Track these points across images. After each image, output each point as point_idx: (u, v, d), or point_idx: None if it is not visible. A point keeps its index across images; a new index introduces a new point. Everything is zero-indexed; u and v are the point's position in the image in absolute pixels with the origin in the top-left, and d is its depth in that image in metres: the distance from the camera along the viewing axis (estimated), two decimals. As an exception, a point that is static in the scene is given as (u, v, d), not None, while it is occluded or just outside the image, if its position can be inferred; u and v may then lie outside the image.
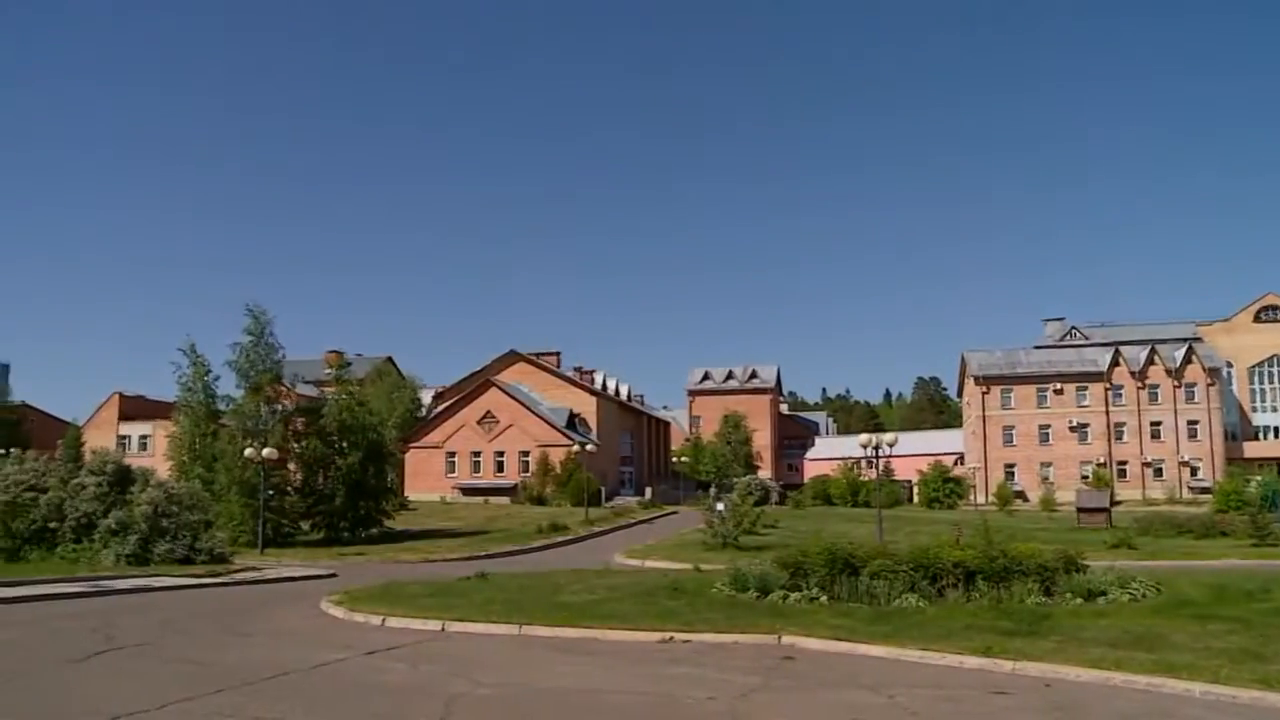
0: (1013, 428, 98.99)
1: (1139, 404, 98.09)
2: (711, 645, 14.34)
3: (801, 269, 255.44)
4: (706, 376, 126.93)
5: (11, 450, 45.60)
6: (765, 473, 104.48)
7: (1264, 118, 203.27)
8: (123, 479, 34.93)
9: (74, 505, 33.27)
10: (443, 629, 16.27)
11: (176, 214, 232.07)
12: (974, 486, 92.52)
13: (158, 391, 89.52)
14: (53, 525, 33.31)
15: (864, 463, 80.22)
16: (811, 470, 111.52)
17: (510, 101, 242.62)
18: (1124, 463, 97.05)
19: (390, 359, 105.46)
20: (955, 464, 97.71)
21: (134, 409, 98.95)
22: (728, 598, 17.94)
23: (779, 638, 14.42)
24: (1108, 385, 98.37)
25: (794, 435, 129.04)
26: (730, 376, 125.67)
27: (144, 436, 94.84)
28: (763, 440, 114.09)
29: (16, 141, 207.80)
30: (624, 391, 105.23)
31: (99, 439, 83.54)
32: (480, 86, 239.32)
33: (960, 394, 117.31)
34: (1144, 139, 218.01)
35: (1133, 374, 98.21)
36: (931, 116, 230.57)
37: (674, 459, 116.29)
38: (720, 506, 39.75)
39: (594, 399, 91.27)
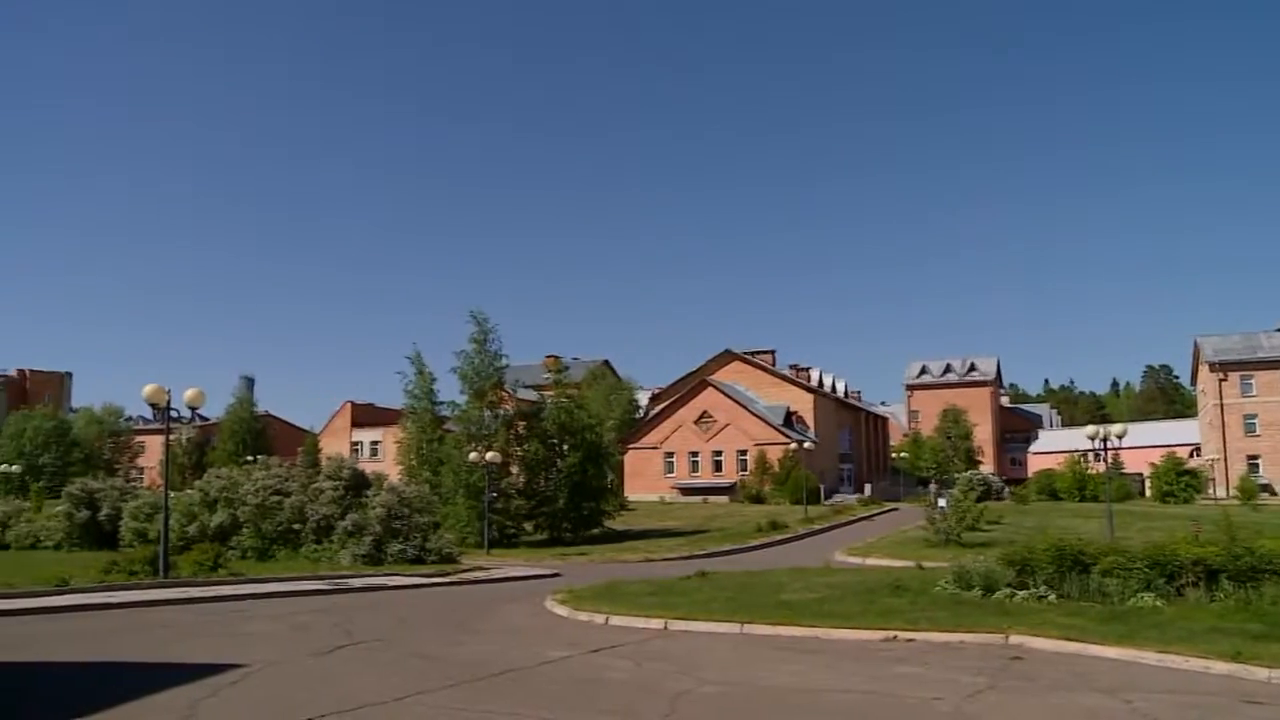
0: (1255, 416, 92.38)
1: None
2: (936, 644, 14.06)
3: (1019, 258, 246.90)
4: (924, 370, 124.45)
5: (258, 457, 48.49)
6: (987, 467, 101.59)
7: None
8: (357, 483, 36.69)
9: (314, 508, 35.15)
10: (665, 627, 16.44)
11: (398, 226, 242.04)
12: (1212, 479, 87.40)
13: (386, 399, 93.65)
14: (296, 527, 35.28)
15: (1091, 456, 76.90)
16: (1035, 464, 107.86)
17: (708, 101, 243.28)
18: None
19: (607, 362, 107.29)
20: (1190, 456, 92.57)
21: (364, 416, 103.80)
22: (951, 596, 17.52)
23: (1006, 637, 14.01)
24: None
25: (1016, 429, 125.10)
26: (948, 370, 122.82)
27: (374, 442, 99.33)
28: (983, 434, 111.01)
29: (270, 165, 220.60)
30: (840, 388, 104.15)
31: (334, 445, 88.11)
32: (683, 86, 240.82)
33: (1194, 382, 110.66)
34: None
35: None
36: (1156, 95, 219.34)
37: (892, 455, 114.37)
38: (942, 502, 38.95)
39: (810, 396, 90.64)
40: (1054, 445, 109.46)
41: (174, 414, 26.09)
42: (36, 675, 12.39)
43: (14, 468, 77.50)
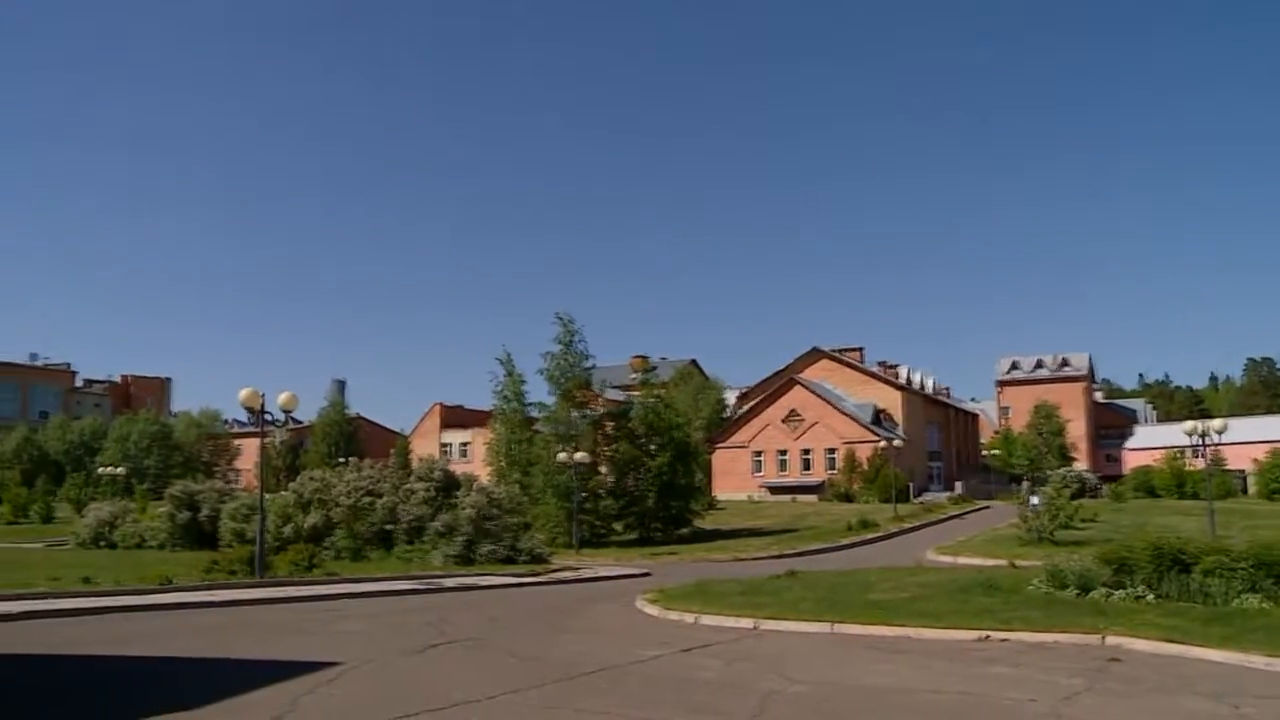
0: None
1: None
2: (1030, 644, 13.84)
3: (1111, 251, 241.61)
4: (1015, 366, 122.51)
5: (350, 459, 49.30)
6: (1080, 464, 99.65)
7: None
8: (448, 484, 37.15)
9: (405, 509, 35.66)
10: (755, 627, 16.41)
11: (487, 228, 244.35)
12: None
13: (475, 401, 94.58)
14: (388, 527, 35.81)
15: (1190, 452, 75.12)
16: (1131, 461, 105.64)
17: (793, 99, 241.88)
18: None
19: (694, 361, 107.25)
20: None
21: (454, 418, 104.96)
22: (1045, 595, 17.20)
23: (1103, 638, 13.72)
24: None
25: (1110, 424, 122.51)
26: (1040, 365, 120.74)
27: (464, 444, 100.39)
28: (1077, 430, 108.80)
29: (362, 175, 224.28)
30: (929, 384, 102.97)
31: (424, 447, 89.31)
32: (767, 85, 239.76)
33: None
34: None
35: None
36: (1243, 93, 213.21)
37: (983, 452, 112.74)
38: (1034, 500, 38.26)
39: (899, 393, 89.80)
40: (1150, 441, 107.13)
41: (268, 417, 26.62)
42: (146, 669, 12.77)
43: (119, 470, 79.66)
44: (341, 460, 57.75)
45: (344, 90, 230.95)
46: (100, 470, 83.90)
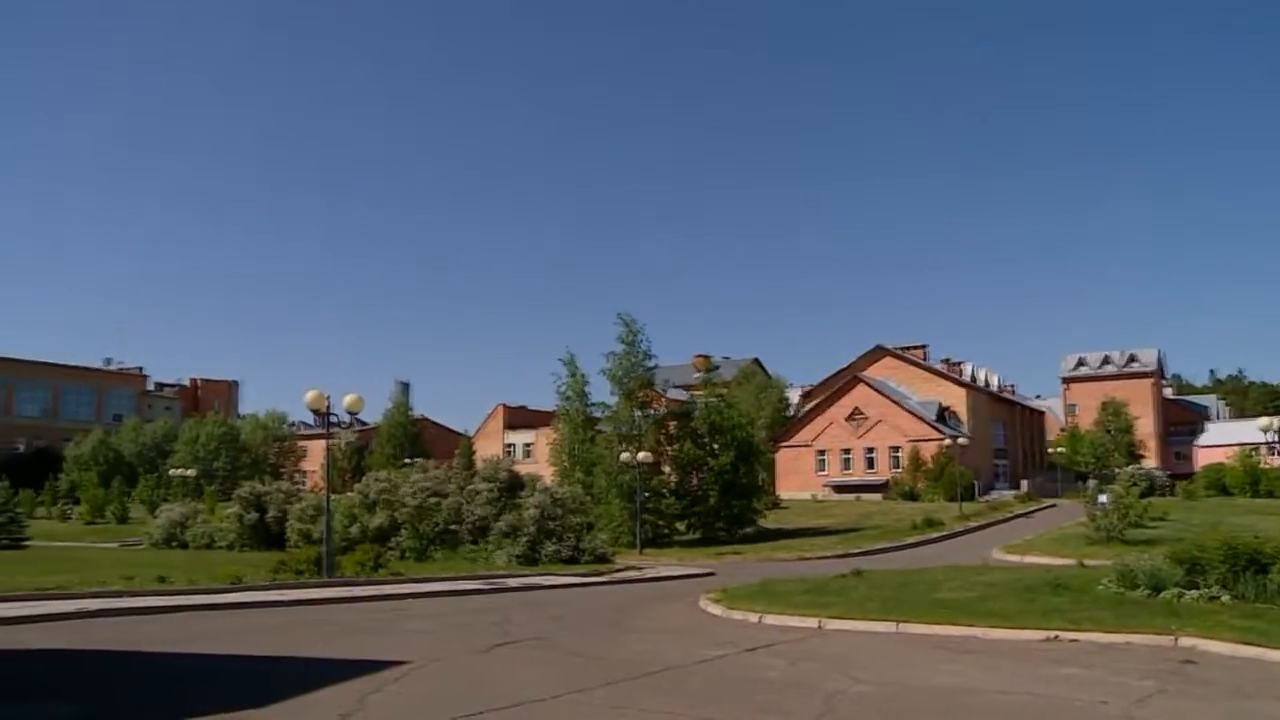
0: None
1: None
2: (1100, 645, 13.60)
3: (1179, 245, 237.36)
4: (1081, 363, 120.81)
5: (415, 460, 49.79)
6: (1150, 462, 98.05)
7: None
8: (512, 485, 37.40)
9: (470, 510, 35.97)
10: (819, 626, 16.32)
11: (548, 229, 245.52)
12: None
13: (538, 401, 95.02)
14: (453, 527, 36.14)
15: (1264, 449, 73.57)
16: (1203, 458, 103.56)
17: (861, 97, 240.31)
18: None
19: (757, 360, 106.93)
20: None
21: (517, 419, 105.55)
22: (1115, 595, 16.91)
23: (1175, 639, 13.43)
24: None
25: (1181, 421, 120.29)
26: (1106, 361, 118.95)
27: (527, 444, 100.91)
28: (1146, 428, 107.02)
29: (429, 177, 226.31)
30: (994, 382, 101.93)
31: (487, 448, 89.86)
32: (834, 83, 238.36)
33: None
34: None
35: None
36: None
37: (1049, 450, 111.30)
38: (1103, 499, 37.68)
39: (964, 391, 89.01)
40: (1223, 438, 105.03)
41: (334, 419, 26.97)
42: (216, 666, 13.00)
43: (190, 471, 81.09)
44: (406, 461, 58.32)
45: (408, 91, 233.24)
46: (171, 472, 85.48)
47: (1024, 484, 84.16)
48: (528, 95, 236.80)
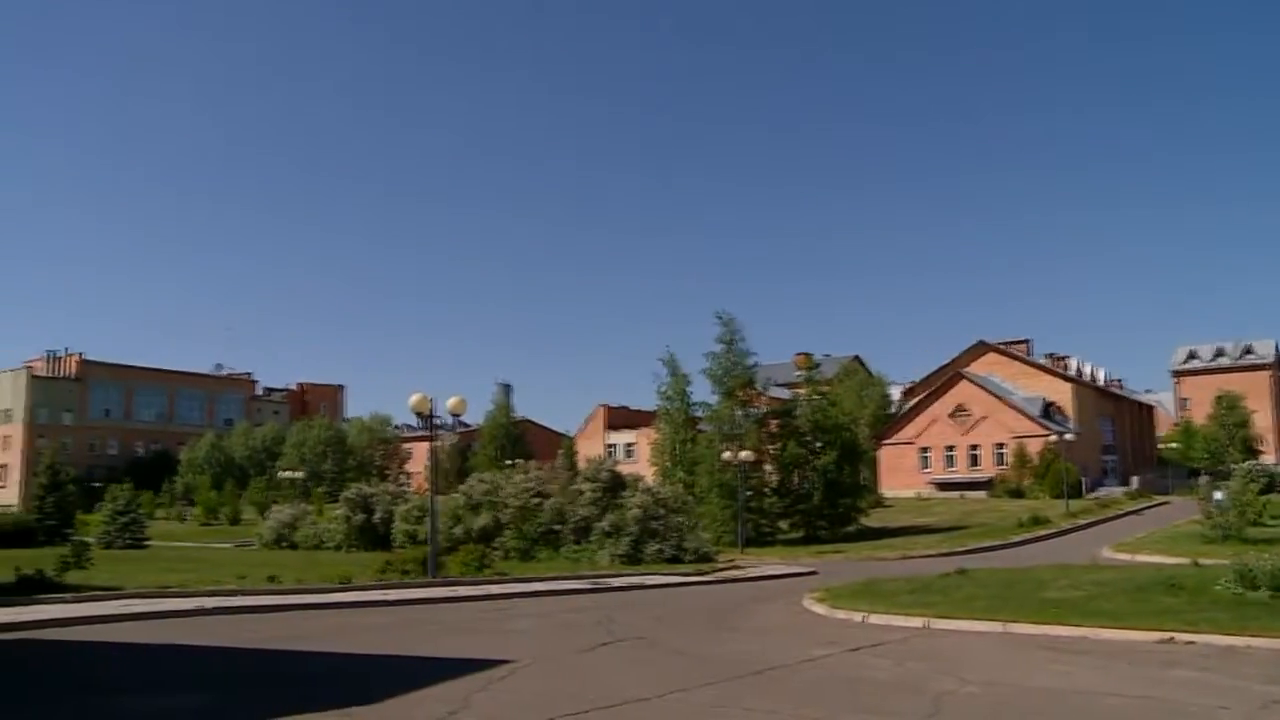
0: None
1: None
2: (1219, 648, 13.20)
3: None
4: (1192, 355, 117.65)
5: (517, 461, 50.37)
6: (1269, 457, 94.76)
7: None
8: (614, 485, 37.61)
9: (573, 510, 36.26)
10: (925, 626, 16.17)
11: (647, 229, 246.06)
12: None
13: (639, 402, 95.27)
14: (556, 528, 36.45)
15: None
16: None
17: (955, 88, 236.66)
18: None
19: (858, 357, 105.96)
20: None
21: (618, 419, 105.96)
22: (1234, 596, 16.42)
23: (1299, 642, 13.03)
24: None
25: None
26: (1220, 354, 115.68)
27: (628, 444, 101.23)
28: (1263, 421, 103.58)
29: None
30: (1100, 376, 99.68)
31: (589, 448, 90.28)
32: (925, 78, 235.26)
33: None
34: None
35: None
36: None
37: (1160, 445, 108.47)
38: (1218, 495, 36.63)
39: (1069, 385, 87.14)
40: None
41: (438, 421, 27.37)
42: (325, 663, 13.36)
43: (298, 474, 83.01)
44: (509, 462, 58.98)
45: (505, 95, 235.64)
46: (280, 474, 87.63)
47: (1134, 480, 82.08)
48: (620, 96, 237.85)
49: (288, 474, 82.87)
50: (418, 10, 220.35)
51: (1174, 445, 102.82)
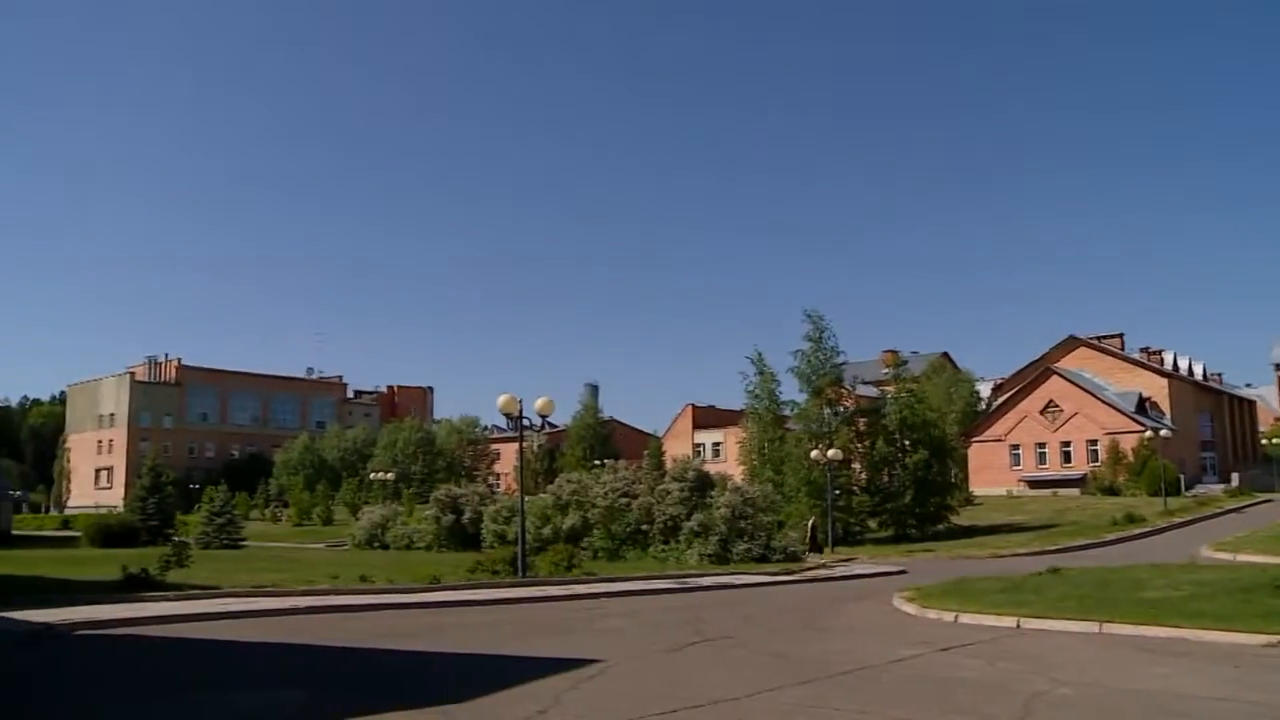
0: None
1: None
2: (1328, 652, 12.85)
3: None
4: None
5: (605, 461, 50.58)
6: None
7: None
8: (702, 484, 37.58)
9: (660, 509, 36.31)
10: (1017, 626, 15.95)
11: (734, 228, 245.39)
12: None
13: (726, 401, 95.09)
14: (644, 527, 36.56)
15: None
16: None
17: (1050, 82, 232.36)
18: None
19: (946, 354, 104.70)
20: None
21: (705, 418, 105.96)
22: (1344, 597, 15.97)
23: None
24: None
25: None
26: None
27: (716, 443, 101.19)
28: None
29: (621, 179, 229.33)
30: (1198, 370, 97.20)
31: (676, 448, 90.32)
32: (1020, 70, 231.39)
33: None
34: None
35: None
36: None
37: (1263, 441, 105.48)
38: (1325, 492, 35.62)
39: (1164, 380, 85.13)
40: None
41: (526, 422, 27.58)
42: (418, 661, 13.62)
43: (389, 475, 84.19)
44: (597, 462, 59.23)
45: (591, 94, 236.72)
46: (371, 476, 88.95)
47: (1234, 477, 79.88)
48: (702, 98, 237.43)
49: (378, 475, 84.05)
50: (542, 30, 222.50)
51: (1276, 441, 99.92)
